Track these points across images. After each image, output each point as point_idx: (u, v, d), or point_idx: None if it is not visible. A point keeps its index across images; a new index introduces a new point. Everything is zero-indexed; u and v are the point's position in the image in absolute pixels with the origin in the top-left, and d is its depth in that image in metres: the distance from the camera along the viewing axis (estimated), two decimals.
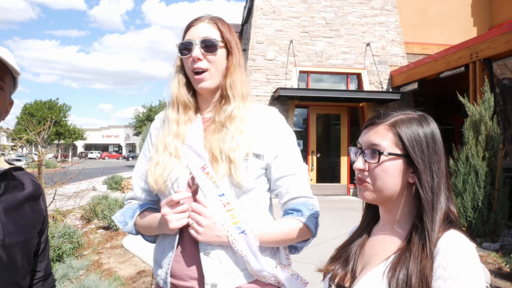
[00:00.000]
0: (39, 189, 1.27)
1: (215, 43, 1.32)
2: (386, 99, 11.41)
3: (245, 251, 1.25)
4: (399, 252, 0.96)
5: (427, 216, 0.94)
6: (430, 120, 1.04)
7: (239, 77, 1.38)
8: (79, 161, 22.90)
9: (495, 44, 7.89)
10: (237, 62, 1.39)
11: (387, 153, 0.98)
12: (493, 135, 6.34)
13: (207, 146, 1.33)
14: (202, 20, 1.37)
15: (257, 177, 1.34)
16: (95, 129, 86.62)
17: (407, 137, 0.98)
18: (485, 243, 5.90)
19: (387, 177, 0.99)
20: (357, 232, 1.16)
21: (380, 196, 1.01)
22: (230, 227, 1.25)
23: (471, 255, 0.88)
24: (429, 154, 0.98)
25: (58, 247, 4.89)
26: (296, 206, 1.35)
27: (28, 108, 50.54)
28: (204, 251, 1.27)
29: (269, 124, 1.38)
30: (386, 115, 1.04)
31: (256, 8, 12.21)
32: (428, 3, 13.60)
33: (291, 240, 1.34)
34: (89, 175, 8.56)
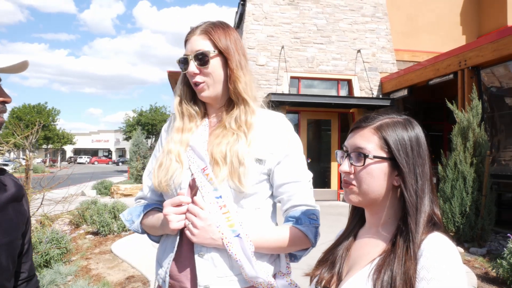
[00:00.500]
0: (21, 190, 1.27)
1: (206, 56, 1.34)
2: (376, 105, 11.50)
3: (239, 255, 1.24)
4: (384, 254, 0.97)
5: (411, 219, 0.96)
6: (414, 124, 1.05)
7: (243, 79, 1.38)
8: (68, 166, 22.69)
9: (483, 52, 8.02)
10: (237, 65, 1.37)
11: (372, 156, 0.99)
12: (481, 141, 6.42)
13: (209, 149, 1.35)
14: (195, 33, 1.38)
15: (258, 182, 1.33)
16: (84, 134, 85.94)
17: (392, 140, 1.00)
18: (472, 248, 5.95)
19: (372, 180, 1.00)
20: (343, 235, 1.17)
21: (365, 198, 1.03)
22: (225, 230, 1.26)
23: (454, 257, 0.89)
24: (414, 157, 0.99)
25: (45, 252, 4.83)
26: (296, 214, 1.34)
27: (16, 112, 49.97)
28: (198, 253, 1.28)
29: (274, 129, 1.39)
30: (371, 118, 1.05)
31: (248, 13, 12.26)
32: (418, 11, 13.78)
33: (289, 248, 1.33)
34: (78, 180, 8.47)
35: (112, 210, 7.16)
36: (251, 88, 1.41)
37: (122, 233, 6.98)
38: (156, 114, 44.13)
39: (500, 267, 4.48)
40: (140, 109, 48.11)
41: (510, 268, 4.33)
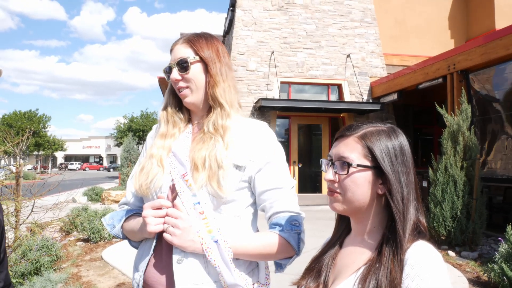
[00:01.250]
0: None
1: (187, 62, 1.39)
2: (366, 109, 11.58)
3: (218, 261, 1.23)
4: (369, 263, 0.97)
5: (399, 226, 0.96)
6: (398, 132, 1.06)
7: (221, 85, 1.41)
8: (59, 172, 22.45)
9: (471, 56, 8.11)
10: (217, 72, 1.42)
11: (355, 164, 1.00)
12: (471, 145, 6.48)
13: (190, 155, 1.36)
14: (178, 43, 1.45)
15: (238, 189, 1.33)
16: (75, 140, 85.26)
17: (376, 149, 1.00)
18: (464, 252, 5.98)
19: (356, 188, 1.01)
20: (329, 243, 1.17)
21: (350, 207, 1.03)
22: (204, 235, 1.25)
23: (438, 266, 0.89)
24: (398, 165, 1.00)
25: (36, 260, 4.78)
26: (278, 221, 1.33)
27: (7, 119, 49.47)
28: (177, 259, 1.26)
29: (255, 136, 1.40)
30: (355, 127, 1.06)
31: (237, 19, 12.30)
32: (406, 15, 13.93)
33: (271, 256, 1.31)
34: (68, 187, 8.40)
35: (103, 216, 7.09)
36: (229, 93, 1.44)
37: (113, 240, 6.92)
38: (147, 120, 44.02)
39: (492, 271, 4.48)
40: (131, 115, 47.92)
41: (502, 272, 4.31)
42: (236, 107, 1.47)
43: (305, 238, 1.36)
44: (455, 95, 8.41)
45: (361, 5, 13.01)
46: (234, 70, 11.70)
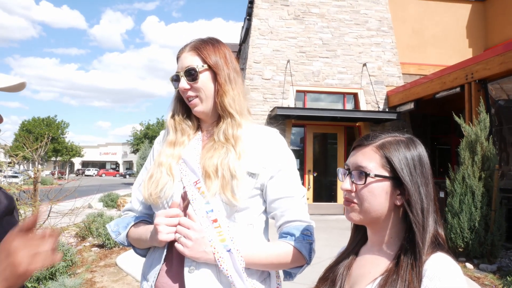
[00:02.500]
0: (13, 202, 1.26)
1: (195, 71, 1.37)
2: (383, 118, 11.48)
3: (230, 271, 1.22)
4: (386, 274, 0.96)
5: (418, 238, 0.94)
6: (417, 143, 1.05)
7: (230, 94, 1.39)
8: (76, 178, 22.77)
9: (490, 65, 7.99)
10: (225, 79, 1.39)
11: (373, 174, 0.99)
12: (489, 155, 6.36)
13: (201, 163, 1.34)
14: (185, 50, 1.42)
15: (251, 196, 1.32)
16: (92, 146, 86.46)
17: (395, 160, 0.99)
18: (482, 264, 5.85)
19: (373, 199, 0.99)
20: (345, 252, 1.16)
21: (366, 217, 1.02)
22: (217, 244, 1.24)
23: (457, 278, 0.88)
24: (417, 176, 0.99)
25: (51, 265, 4.83)
26: (289, 230, 1.32)
27: (26, 125, 50.55)
28: (189, 268, 1.25)
29: (267, 144, 1.38)
30: (374, 137, 1.05)
31: (254, 28, 12.38)
32: (424, 25, 13.83)
33: (282, 265, 1.31)
34: (85, 193, 8.50)
35: None
36: (239, 102, 1.41)
37: (127, 247, 6.95)
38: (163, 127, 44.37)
39: (511, 285, 4.39)
40: (147, 122, 48.45)
41: None
42: (246, 115, 1.43)
43: (319, 247, 1.36)
44: (473, 104, 8.28)
45: (377, 14, 12.97)
46: (250, 79, 11.82)
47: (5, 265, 0.82)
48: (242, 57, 14.43)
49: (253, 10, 12.59)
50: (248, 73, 11.97)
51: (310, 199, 11.95)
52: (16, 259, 0.81)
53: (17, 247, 0.82)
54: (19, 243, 0.83)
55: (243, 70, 12.77)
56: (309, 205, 11.83)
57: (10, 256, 0.82)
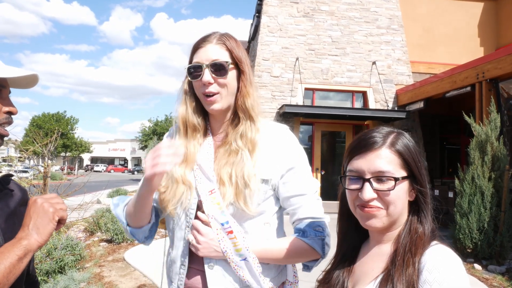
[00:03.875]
0: (26, 195, 1.32)
1: (225, 66, 1.29)
2: (392, 117, 11.40)
3: (247, 277, 1.28)
4: (387, 271, 0.95)
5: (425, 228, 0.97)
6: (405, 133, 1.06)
7: (252, 95, 1.35)
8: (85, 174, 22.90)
9: (501, 65, 7.90)
10: (249, 80, 1.35)
11: (400, 177, 0.97)
12: (499, 155, 6.30)
13: (216, 169, 1.33)
14: (210, 40, 1.32)
15: (264, 199, 1.33)
16: (101, 142, 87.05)
17: (410, 160, 1.00)
18: (490, 265, 5.80)
19: (399, 201, 0.98)
20: (346, 249, 1.16)
21: (390, 221, 1.00)
22: (232, 255, 1.27)
23: (457, 270, 0.87)
24: (421, 166, 1.01)
25: (60, 258, 4.88)
26: (302, 227, 1.35)
27: (36, 120, 50.97)
28: (208, 264, 1.30)
29: (278, 143, 1.36)
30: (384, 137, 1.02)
31: (263, 25, 12.35)
32: (435, 23, 13.69)
33: (296, 260, 1.35)
34: (93, 188, 8.57)
35: None
36: (258, 104, 1.39)
37: (135, 242, 7.01)
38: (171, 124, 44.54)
39: None
40: (156, 119, 48.61)
41: None
42: (258, 109, 1.41)
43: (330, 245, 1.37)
44: (484, 104, 8.19)
45: (388, 12, 12.88)
46: (259, 76, 11.82)
47: (39, 214, 1.08)
48: (251, 54, 14.42)
49: (263, 7, 12.57)
50: (256, 71, 11.96)
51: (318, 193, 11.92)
52: (44, 207, 1.09)
53: (41, 202, 1.10)
54: (41, 200, 1.11)
55: (251, 67, 12.74)
56: None
57: (40, 208, 1.09)
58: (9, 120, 1.20)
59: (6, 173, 1.26)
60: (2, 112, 1.18)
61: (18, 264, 1.01)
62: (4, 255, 1.01)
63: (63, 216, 1.12)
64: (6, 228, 1.15)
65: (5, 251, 1.01)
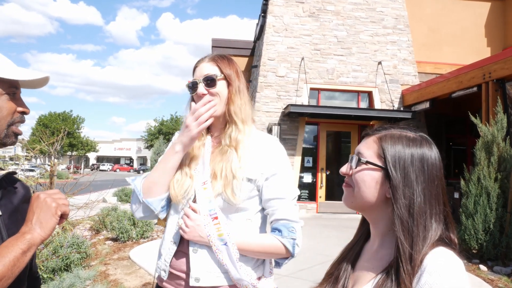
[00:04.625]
0: (29, 191, 1.35)
1: (214, 78, 1.55)
2: (397, 117, 11.37)
3: (226, 261, 1.44)
4: (385, 271, 0.95)
5: (404, 236, 0.93)
6: (425, 142, 1.02)
7: (238, 103, 1.58)
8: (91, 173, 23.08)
9: (508, 65, 7.85)
10: (236, 90, 1.58)
11: (365, 161, 1.02)
12: (506, 156, 6.27)
13: (211, 165, 1.56)
14: (204, 60, 1.61)
15: (249, 198, 1.53)
16: (107, 142, 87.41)
17: (389, 152, 1.00)
18: (496, 266, 5.78)
19: (363, 185, 1.02)
20: (349, 248, 1.17)
21: (357, 202, 1.05)
22: (215, 239, 1.45)
23: (458, 273, 0.86)
24: (413, 172, 0.97)
25: (66, 256, 4.92)
26: (278, 227, 1.52)
27: (43, 120, 51.34)
28: (193, 248, 1.48)
29: (266, 151, 1.57)
30: (381, 129, 1.08)
31: (268, 25, 12.36)
32: (441, 23, 13.63)
33: (270, 255, 1.53)
34: (99, 187, 8.61)
35: (132, 217, 7.25)
36: (244, 111, 1.60)
37: (141, 240, 7.05)
38: (177, 123, 44.72)
39: None
40: (161, 119, 48.80)
41: None
42: (250, 123, 1.62)
43: (331, 246, 1.41)
44: (490, 104, 8.14)
45: (394, 12, 12.84)
46: (264, 76, 11.82)
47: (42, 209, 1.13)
48: (256, 54, 14.42)
49: (268, 7, 12.57)
50: (262, 70, 11.97)
51: (322, 197, 11.92)
52: (47, 202, 1.13)
53: (44, 197, 1.14)
54: (44, 195, 1.15)
55: (256, 67, 12.77)
56: (322, 203, 11.81)
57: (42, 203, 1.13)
58: (22, 119, 1.27)
59: (10, 171, 1.29)
60: (17, 112, 1.24)
61: (22, 258, 1.04)
62: (8, 248, 1.03)
63: (65, 211, 1.16)
64: (10, 224, 1.18)
65: (9, 245, 1.04)
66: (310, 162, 11.99)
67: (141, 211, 1.58)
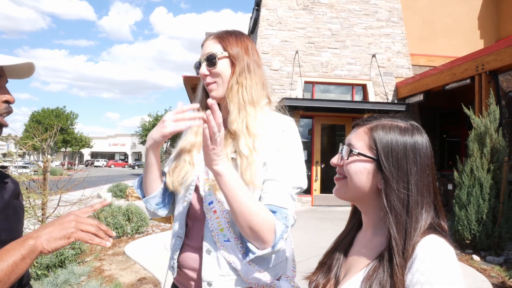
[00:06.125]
0: (18, 186, 1.31)
1: (214, 57, 1.40)
2: (391, 110, 11.38)
3: (231, 258, 1.31)
4: (377, 260, 0.96)
5: (395, 225, 0.93)
6: (417, 131, 1.01)
7: (246, 83, 1.40)
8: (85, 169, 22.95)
9: (501, 57, 7.88)
10: (243, 69, 1.41)
11: (356, 152, 1.01)
12: (498, 147, 6.30)
13: None
14: (208, 38, 1.48)
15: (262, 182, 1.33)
16: (101, 137, 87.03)
17: (380, 142, 0.99)
18: (489, 256, 5.83)
19: (355, 176, 1.01)
20: (341, 237, 1.17)
21: (349, 193, 1.04)
22: (218, 235, 1.32)
23: (449, 259, 0.87)
24: (407, 164, 0.96)
25: (60, 252, 4.90)
26: (270, 208, 1.26)
27: (36, 116, 51.01)
28: (206, 249, 1.34)
29: (277, 130, 1.38)
30: (371, 119, 1.06)
31: (262, 19, 12.31)
32: (435, 16, 13.64)
33: (252, 226, 1.19)
34: (94, 183, 8.57)
35: (126, 212, 7.24)
36: (255, 91, 1.42)
37: (136, 236, 7.04)
38: None
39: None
40: (156, 114, 48.59)
41: None
42: (261, 104, 1.44)
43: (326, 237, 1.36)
44: (483, 96, 8.18)
45: (387, 5, 12.82)
46: None
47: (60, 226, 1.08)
48: None
49: (262, 0, 12.52)
50: None
51: (317, 190, 11.95)
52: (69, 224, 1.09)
53: (71, 218, 1.10)
54: (73, 216, 1.11)
55: None
56: (317, 196, 11.84)
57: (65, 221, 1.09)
58: (8, 110, 1.20)
59: None
60: (1, 103, 1.17)
61: (20, 264, 1.00)
62: (8, 253, 1.00)
63: (81, 238, 1.09)
64: (1, 220, 1.15)
65: (10, 249, 1.01)
66: (305, 155, 11.98)
67: (148, 212, 1.55)
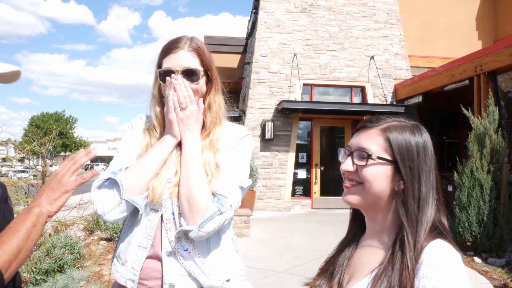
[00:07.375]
0: (6, 191, 1.30)
1: (197, 73, 1.37)
2: (390, 112, 11.37)
3: (192, 268, 1.31)
4: (383, 265, 0.94)
5: (409, 226, 0.92)
6: (423, 130, 1.02)
7: (220, 101, 1.46)
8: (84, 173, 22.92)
9: (499, 57, 7.88)
10: (218, 87, 1.46)
11: (375, 156, 0.97)
12: (498, 148, 6.29)
13: (175, 162, 1.41)
14: (182, 47, 1.38)
15: None
16: (101, 141, 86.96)
17: (397, 144, 0.97)
18: (490, 258, 5.80)
19: (373, 180, 0.97)
20: (344, 243, 1.14)
21: (366, 199, 1.00)
22: (177, 245, 1.32)
23: (456, 266, 0.86)
24: (419, 163, 0.96)
25: (59, 257, 4.88)
26: (212, 193, 1.33)
27: (35, 120, 51.02)
28: (166, 252, 1.32)
29: (232, 136, 1.45)
30: (379, 120, 1.04)
31: (260, 21, 12.32)
32: (433, 17, 13.66)
33: (191, 197, 1.27)
34: None
35: None
36: (224, 109, 1.49)
37: None
38: None
39: None
40: None
41: None
42: (223, 112, 1.49)
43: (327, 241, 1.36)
44: (482, 97, 8.18)
45: (385, 7, 12.84)
46: (257, 72, 11.80)
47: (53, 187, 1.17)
48: (249, 51, 14.38)
49: (260, 3, 12.52)
50: (254, 67, 11.93)
51: (317, 193, 11.93)
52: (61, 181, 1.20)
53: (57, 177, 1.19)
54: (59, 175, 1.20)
55: (249, 64, 12.72)
56: (317, 199, 11.82)
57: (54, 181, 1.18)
58: None
59: None
60: None
61: (33, 230, 1.09)
62: (19, 224, 1.08)
63: (76, 185, 1.21)
64: None
65: (18, 221, 1.09)
66: (304, 158, 11.99)
67: (118, 212, 1.32)
